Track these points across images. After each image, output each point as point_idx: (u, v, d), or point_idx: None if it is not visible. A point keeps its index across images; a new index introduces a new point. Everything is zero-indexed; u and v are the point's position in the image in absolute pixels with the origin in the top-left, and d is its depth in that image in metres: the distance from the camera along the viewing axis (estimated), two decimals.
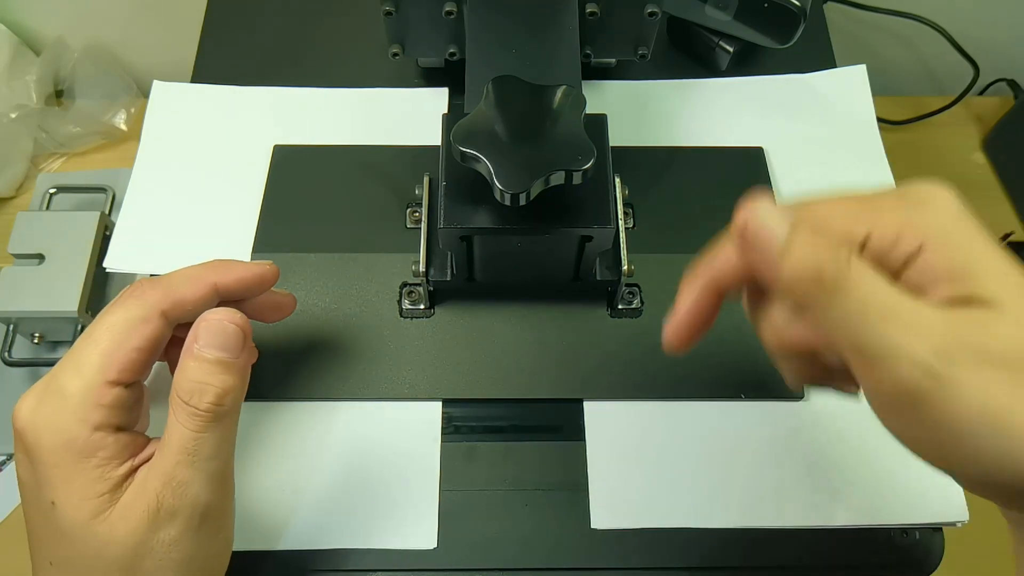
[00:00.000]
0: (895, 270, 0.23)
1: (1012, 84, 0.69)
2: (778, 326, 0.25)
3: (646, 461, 0.36)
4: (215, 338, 0.28)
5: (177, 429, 0.27)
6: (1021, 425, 0.20)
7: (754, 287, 0.26)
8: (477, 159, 0.30)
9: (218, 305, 0.31)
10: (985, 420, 0.20)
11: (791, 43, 0.45)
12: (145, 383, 0.31)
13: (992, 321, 0.21)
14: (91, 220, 0.53)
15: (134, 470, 0.27)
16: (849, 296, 0.21)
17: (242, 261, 0.32)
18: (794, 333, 0.25)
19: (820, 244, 0.22)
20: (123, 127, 0.65)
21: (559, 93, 0.32)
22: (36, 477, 0.27)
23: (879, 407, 0.22)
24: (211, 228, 0.42)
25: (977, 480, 0.22)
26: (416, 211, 0.42)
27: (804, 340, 0.24)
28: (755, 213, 0.23)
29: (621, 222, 0.36)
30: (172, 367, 0.34)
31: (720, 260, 0.26)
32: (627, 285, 0.39)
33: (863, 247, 0.23)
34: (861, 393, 0.24)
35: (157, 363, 0.33)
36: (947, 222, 0.23)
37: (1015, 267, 0.22)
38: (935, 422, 0.21)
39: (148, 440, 0.29)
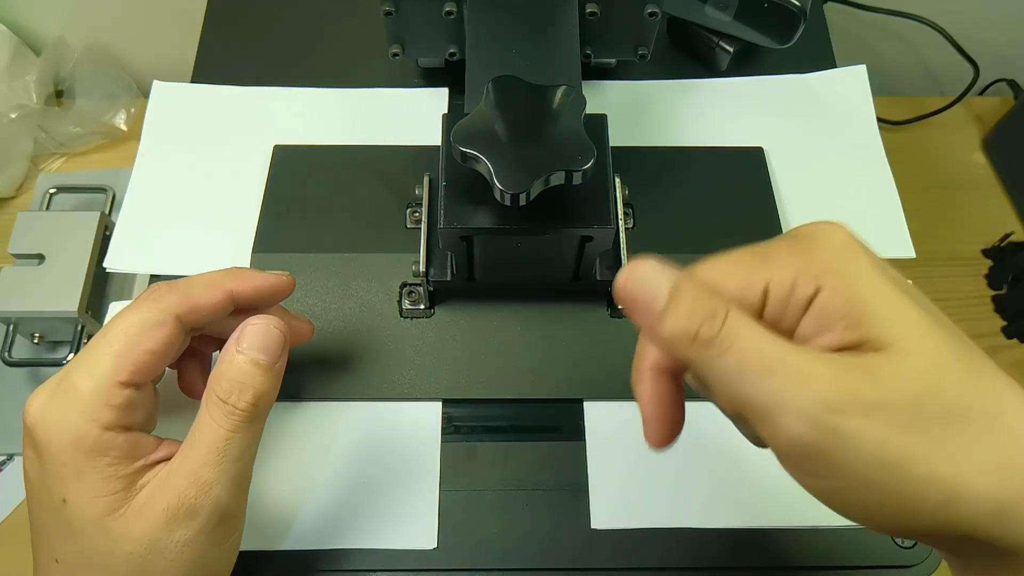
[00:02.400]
0: (797, 317, 0.22)
1: (1012, 84, 0.69)
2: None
3: (646, 461, 0.36)
4: (258, 340, 0.28)
5: (210, 428, 0.27)
6: (922, 471, 0.19)
7: None
8: (477, 159, 0.30)
9: (232, 313, 0.31)
10: (884, 469, 0.20)
11: (791, 43, 0.45)
12: (157, 386, 0.31)
13: (882, 367, 0.20)
14: (91, 220, 0.53)
15: (147, 469, 0.28)
16: (727, 353, 0.21)
17: (258, 271, 0.32)
18: None
19: (697, 303, 0.22)
20: (123, 127, 0.65)
21: (559, 93, 0.32)
22: (45, 474, 0.27)
23: (783, 462, 0.22)
24: (211, 228, 0.42)
25: (894, 529, 0.21)
26: (416, 211, 0.42)
27: None
28: (635, 273, 0.23)
29: (621, 222, 0.36)
30: (183, 375, 0.34)
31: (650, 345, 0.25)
32: None
33: (764, 299, 0.23)
34: None
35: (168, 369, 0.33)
36: (836, 259, 0.22)
37: (910, 302, 0.21)
38: (834, 473, 0.20)
39: (159, 440, 0.29)
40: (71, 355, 0.52)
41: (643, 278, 0.23)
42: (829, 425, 0.20)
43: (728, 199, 0.43)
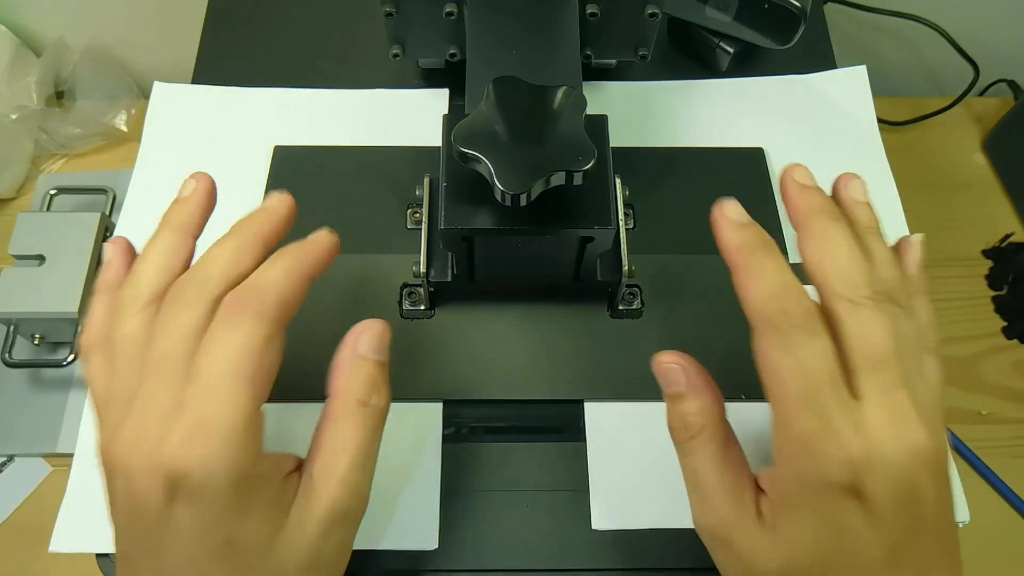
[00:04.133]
0: None
1: (1012, 85, 0.69)
2: None
3: (647, 462, 0.36)
4: (375, 342, 0.29)
5: (354, 432, 0.28)
6: None
7: None
8: (478, 160, 0.30)
9: None
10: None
11: (791, 44, 0.45)
12: None
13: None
14: (91, 221, 0.53)
15: (286, 483, 0.27)
16: (687, 456, 0.30)
17: (308, 242, 0.30)
18: None
19: (675, 419, 0.30)
20: (124, 128, 0.65)
21: (560, 94, 0.32)
22: (204, 520, 0.25)
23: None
24: (212, 229, 0.42)
25: None
26: (417, 212, 0.42)
27: None
28: (658, 364, 0.30)
29: (622, 223, 0.36)
30: None
31: None
32: (628, 286, 0.39)
33: None
34: None
35: None
36: None
37: None
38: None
39: (281, 453, 0.28)
40: (71, 356, 0.52)
41: (662, 370, 0.30)
42: (705, 537, 0.30)
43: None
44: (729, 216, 0.30)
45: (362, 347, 0.29)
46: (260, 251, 0.29)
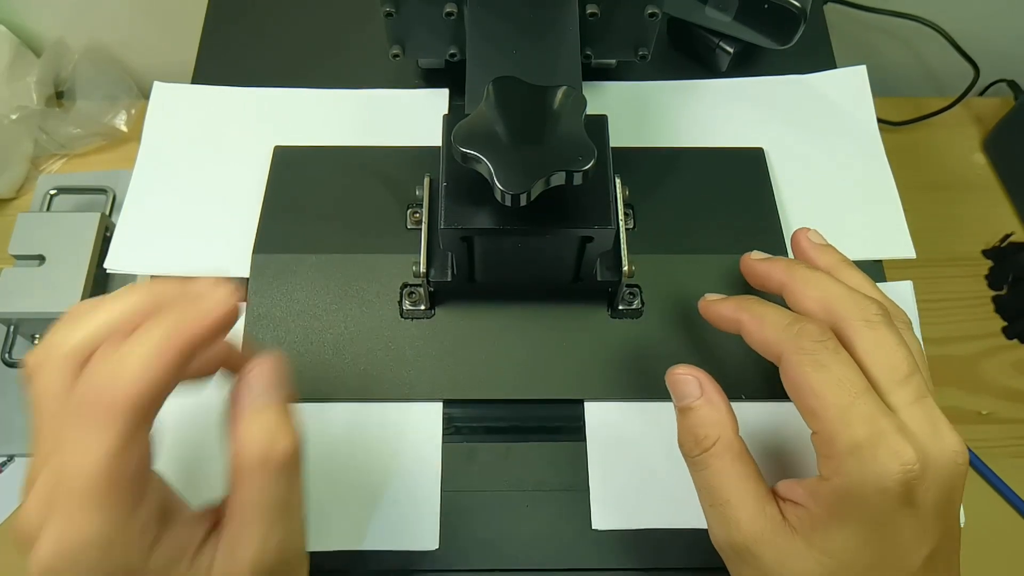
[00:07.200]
0: None
1: (1012, 85, 0.69)
2: None
3: (647, 461, 0.36)
4: (263, 381, 0.26)
5: (259, 491, 0.25)
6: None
7: None
8: (478, 160, 0.30)
9: None
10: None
11: (791, 44, 0.45)
12: None
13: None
14: (91, 221, 0.53)
15: (201, 548, 0.26)
16: (701, 471, 0.30)
17: (191, 305, 0.25)
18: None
19: (687, 433, 0.30)
20: (123, 128, 0.65)
21: (560, 94, 0.32)
22: None
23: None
24: (212, 229, 0.42)
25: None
26: (416, 212, 0.42)
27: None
28: (671, 376, 0.31)
29: (622, 223, 0.36)
30: None
31: None
32: (627, 286, 0.39)
33: None
34: None
35: None
36: None
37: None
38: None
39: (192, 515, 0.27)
40: None
41: (675, 381, 0.31)
42: (727, 553, 0.30)
43: (728, 200, 0.43)
44: (710, 298, 0.33)
45: (255, 392, 0.26)
46: (177, 362, 0.24)
